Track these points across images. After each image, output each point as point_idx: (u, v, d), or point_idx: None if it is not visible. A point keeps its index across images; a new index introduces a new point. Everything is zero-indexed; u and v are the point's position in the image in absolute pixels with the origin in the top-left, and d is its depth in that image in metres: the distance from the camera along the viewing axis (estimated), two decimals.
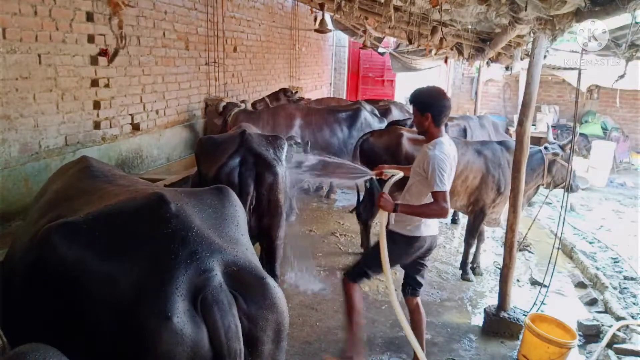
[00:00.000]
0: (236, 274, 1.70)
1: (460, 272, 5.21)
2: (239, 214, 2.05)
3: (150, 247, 1.66)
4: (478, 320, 4.33)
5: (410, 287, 3.44)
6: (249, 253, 1.91)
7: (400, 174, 3.40)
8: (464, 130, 6.45)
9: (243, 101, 7.37)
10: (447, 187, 3.02)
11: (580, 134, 10.54)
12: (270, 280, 1.76)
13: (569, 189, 4.46)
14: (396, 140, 4.98)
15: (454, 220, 6.86)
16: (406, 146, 4.93)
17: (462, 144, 4.93)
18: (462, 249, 5.51)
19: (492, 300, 4.41)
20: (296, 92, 8.24)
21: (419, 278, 3.43)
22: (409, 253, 3.30)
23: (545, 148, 5.09)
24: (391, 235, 3.21)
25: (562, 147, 5.07)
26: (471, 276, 5.13)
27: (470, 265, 5.23)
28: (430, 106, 3.12)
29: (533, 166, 4.91)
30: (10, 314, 1.89)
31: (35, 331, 1.65)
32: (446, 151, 3.07)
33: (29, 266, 1.75)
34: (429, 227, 3.26)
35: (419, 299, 3.46)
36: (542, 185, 5.15)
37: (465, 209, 5.11)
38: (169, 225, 1.70)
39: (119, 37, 2.27)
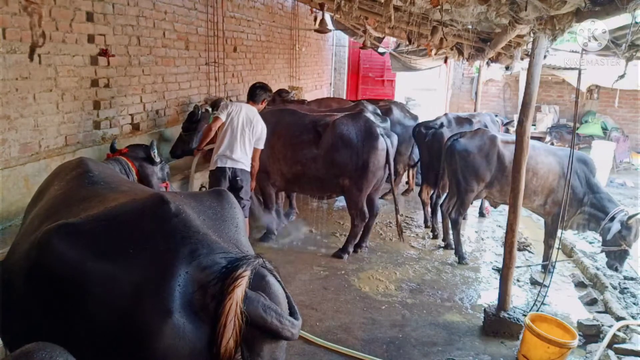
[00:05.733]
0: None
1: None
2: (238, 216, 2.06)
3: (151, 246, 1.67)
4: (478, 320, 4.33)
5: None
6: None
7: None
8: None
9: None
10: (222, 117, 4.69)
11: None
12: (271, 278, 1.77)
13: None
14: (490, 142, 5.31)
15: (482, 214, 7.29)
16: (501, 147, 5.25)
17: (544, 149, 5.39)
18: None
19: (492, 300, 4.41)
20: (291, 92, 8.19)
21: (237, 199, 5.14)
22: (220, 180, 4.72)
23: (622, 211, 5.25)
24: (209, 175, 4.90)
25: (626, 225, 5.15)
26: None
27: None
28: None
29: (606, 209, 5.20)
30: (8, 318, 1.89)
31: (34, 333, 1.65)
32: (234, 105, 4.80)
33: (29, 268, 1.75)
34: (224, 161, 4.74)
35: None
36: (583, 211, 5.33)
37: (542, 210, 5.35)
38: (170, 224, 1.71)
39: (38, 34, 2.18)
